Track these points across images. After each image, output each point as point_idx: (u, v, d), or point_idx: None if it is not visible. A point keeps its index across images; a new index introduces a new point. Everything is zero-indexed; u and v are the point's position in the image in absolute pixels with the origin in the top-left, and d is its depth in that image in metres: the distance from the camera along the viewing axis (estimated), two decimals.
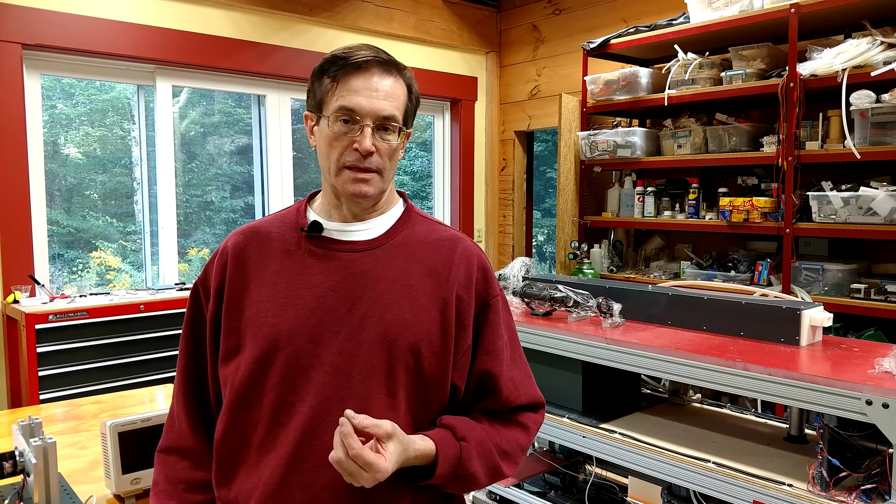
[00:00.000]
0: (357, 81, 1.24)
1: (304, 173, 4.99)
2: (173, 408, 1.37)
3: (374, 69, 1.25)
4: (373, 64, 1.25)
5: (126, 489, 1.66)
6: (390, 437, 1.13)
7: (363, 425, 1.11)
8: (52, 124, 4.09)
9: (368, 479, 1.10)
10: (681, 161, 3.97)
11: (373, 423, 1.12)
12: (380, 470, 1.10)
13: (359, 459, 1.08)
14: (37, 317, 3.33)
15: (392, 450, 1.13)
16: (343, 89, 1.24)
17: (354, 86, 1.24)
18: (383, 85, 1.25)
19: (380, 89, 1.24)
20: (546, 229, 8.07)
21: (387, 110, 1.24)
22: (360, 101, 1.23)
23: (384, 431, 1.13)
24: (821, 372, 1.81)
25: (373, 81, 1.24)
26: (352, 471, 1.09)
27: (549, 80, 5.39)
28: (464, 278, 1.32)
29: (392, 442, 1.14)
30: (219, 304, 1.30)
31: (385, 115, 1.24)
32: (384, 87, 1.25)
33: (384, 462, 1.11)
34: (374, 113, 1.23)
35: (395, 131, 1.27)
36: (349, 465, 1.09)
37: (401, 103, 1.28)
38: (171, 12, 4.09)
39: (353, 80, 1.24)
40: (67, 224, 4.25)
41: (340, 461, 1.09)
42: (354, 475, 1.10)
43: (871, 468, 1.76)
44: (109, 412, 2.34)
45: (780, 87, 3.38)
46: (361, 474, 1.09)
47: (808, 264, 3.42)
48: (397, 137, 1.28)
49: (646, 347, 2.14)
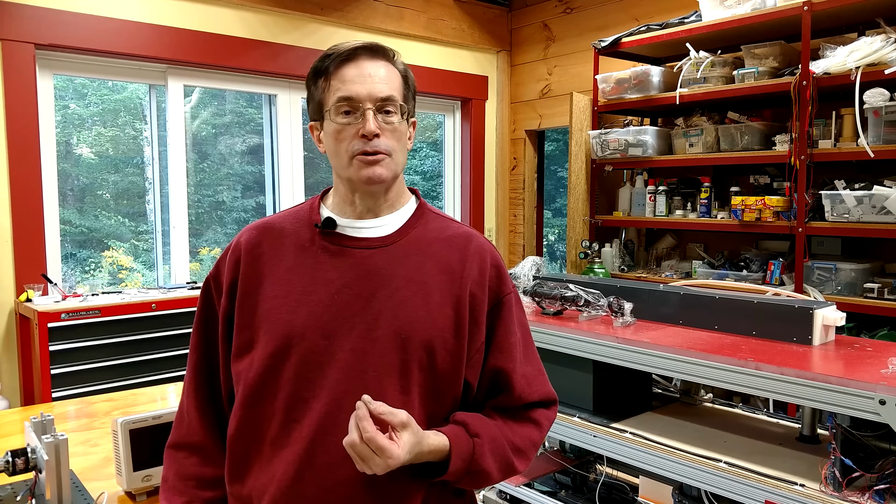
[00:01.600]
0: (349, 71, 1.25)
1: (314, 173, 5.00)
2: (183, 403, 1.37)
3: (362, 57, 1.27)
4: (360, 51, 1.27)
5: (137, 486, 1.67)
6: (405, 427, 1.14)
7: (379, 412, 1.11)
8: (64, 124, 4.12)
9: (381, 464, 1.10)
10: (692, 160, 3.96)
11: (388, 411, 1.12)
12: (392, 456, 1.10)
13: (372, 443, 1.08)
14: (49, 315, 3.35)
15: (406, 439, 1.13)
16: (337, 82, 1.25)
17: (348, 76, 1.25)
18: (376, 70, 1.26)
19: (373, 74, 1.26)
20: (557, 229, 8.06)
21: (384, 91, 1.25)
22: (356, 88, 1.24)
23: (399, 420, 1.13)
24: (834, 371, 1.80)
25: (364, 68, 1.26)
26: (364, 455, 1.09)
27: (560, 78, 5.38)
28: (477, 275, 1.32)
29: (406, 432, 1.14)
30: (231, 300, 1.30)
31: (383, 96, 1.25)
32: (377, 72, 1.26)
33: (397, 449, 1.11)
34: (372, 96, 1.24)
35: (396, 112, 1.27)
36: (362, 449, 1.09)
37: (396, 85, 1.29)
38: (182, 12, 4.11)
39: (346, 71, 1.25)
40: (80, 224, 4.28)
41: (354, 444, 1.09)
42: (367, 459, 1.10)
43: (884, 468, 1.74)
44: (121, 410, 2.36)
45: (792, 86, 3.36)
46: (374, 459, 1.09)
47: (821, 264, 3.40)
48: (400, 117, 1.28)
49: (657, 347, 2.13)
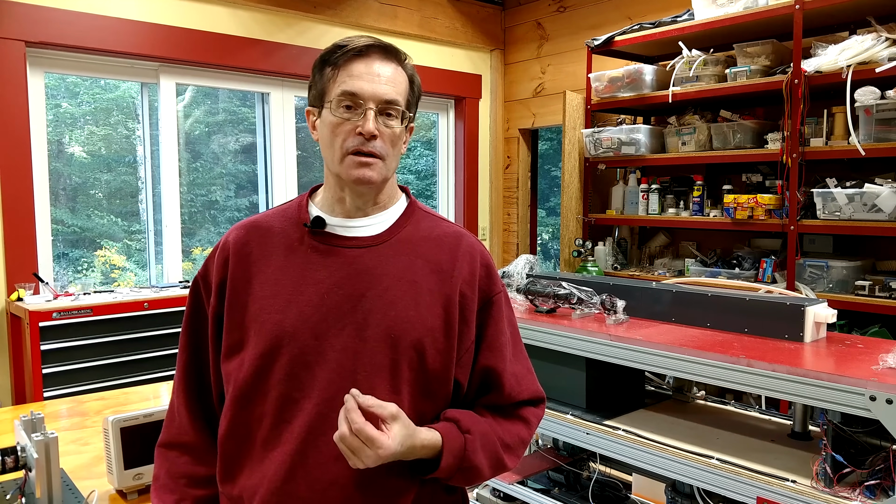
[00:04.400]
0: (359, 67, 1.24)
1: (308, 172, 4.99)
2: (173, 402, 1.37)
3: (375, 55, 1.25)
4: (374, 49, 1.25)
5: (128, 484, 1.66)
6: (395, 419, 1.14)
7: (367, 405, 1.11)
8: (56, 123, 4.10)
9: (372, 455, 1.09)
10: (685, 158, 3.96)
11: (377, 404, 1.12)
12: (383, 446, 1.09)
13: (361, 434, 1.08)
14: (41, 314, 3.34)
15: (396, 430, 1.13)
16: (345, 75, 1.24)
17: (356, 71, 1.23)
18: (384, 70, 1.25)
19: (382, 74, 1.24)
20: (551, 228, 8.06)
21: (389, 94, 1.24)
22: (362, 85, 1.22)
23: (389, 412, 1.13)
24: (825, 368, 1.80)
25: (374, 67, 1.24)
26: (355, 447, 1.09)
27: (554, 77, 5.38)
28: (467, 275, 1.32)
29: (396, 423, 1.14)
30: (221, 300, 1.29)
31: (387, 98, 1.24)
32: (386, 73, 1.25)
33: (388, 439, 1.10)
34: (377, 97, 1.23)
35: (397, 116, 1.26)
36: (352, 441, 1.09)
37: (402, 89, 1.27)
38: (174, 10, 4.10)
39: (355, 65, 1.24)
40: (72, 223, 4.26)
41: (344, 437, 1.09)
42: (358, 452, 1.09)
43: (875, 464, 1.75)
44: (113, 409, 2.35)
45: (784, 84, 3.37)
46: (364, 451, 1.09)
47: (813, 261, 3.41)
48: (400, 123, 1.27)
49: (650, 344, 2.13)
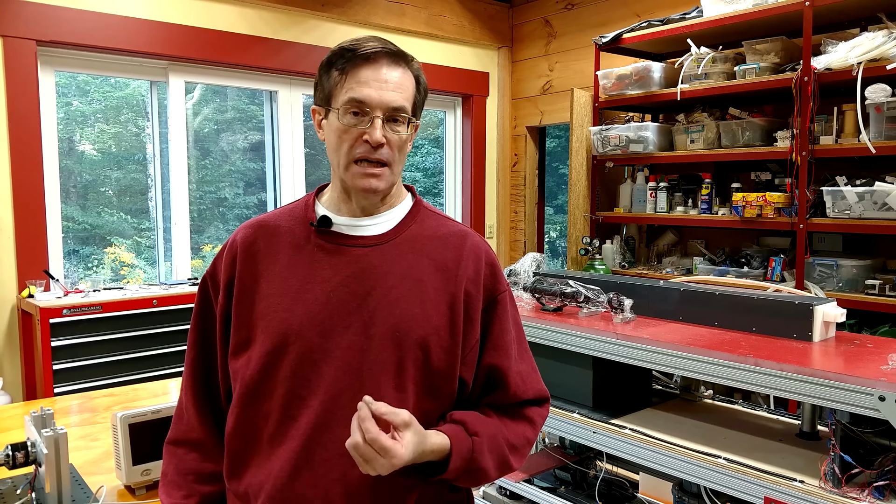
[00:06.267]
0: (366, 73, 1.23)
1: (316, 170, 5.00)
2: (182, 400, 1.38)
3: (382, 60, 1.24)
4: (381, 55, 1.24)
5: (136, 480, 1.68)
6: (407, 426, 1.13)
7: (381, 412, 1.10)
8: (67, 121, 4.12)
9: (385, 464, 1.09)
10: (693, 156, 3.95)
11: (390, 411, 1.11)
12: (396, 455, 1.09)
13: (375, 444, 1.07)
14: (51, 311, 3.36)
15: (409, 439, 1.13)
16: (352, 81, 1.23)
17: (363, 77, 1.23)
18: (392, 76, 1.24)
19: (389, 80, 1.24)
20: (558, 225, 8.05)
21: (397, 101, 1.24)
22: (369, 93, 1.22)
23: (401, 420, 1.12)
24: (833, 368, 1.79)
25: (382, 73, 1.24)
26: (368, 456, 1.08)
27: (562, 75, 5.37)
28: (472, 273, 1.32)
29: (409, 431, 1.13)
30: (229, 298, 1.30)
31: (395, 106, 1.24)
32: (393, 79, 1.24)
33: (401, 448, 1.10)
34: (384, 104, 1.23)
35: (404, 123, 1.26)
36: (366, 450, 1.08)
37: (410, 94, 1.27)
38: (183, 8, 4.11)
39: (362, 71, 1.23)
40: (83, 220, 4.29)
41: (357, 445, 1.08)
42: (371, 461, 1.09)
43: (884, 465, 1.74)
44: (122, 405, 2.36)
45: (794, 82, 3.35)
46: (377, 460, 1.09)
47: (822, 260, 3.39)
48: (407, 129, 1.27)
49: (657, 343, 2.13)
